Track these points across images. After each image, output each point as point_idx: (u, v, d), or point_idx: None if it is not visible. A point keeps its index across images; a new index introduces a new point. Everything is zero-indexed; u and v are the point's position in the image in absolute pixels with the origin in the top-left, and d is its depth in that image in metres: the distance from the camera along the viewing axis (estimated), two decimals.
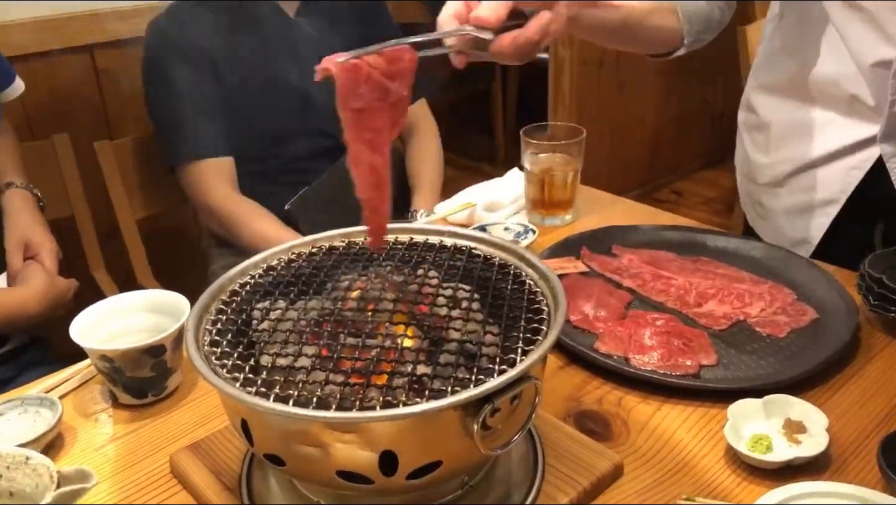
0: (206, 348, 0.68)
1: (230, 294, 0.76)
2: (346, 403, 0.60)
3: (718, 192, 3.56)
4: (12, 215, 1.35)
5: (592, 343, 0.96)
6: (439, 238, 0.87)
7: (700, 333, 0.97)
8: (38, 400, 0.89)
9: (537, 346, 0.66)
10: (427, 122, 1.86)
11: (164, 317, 0.95)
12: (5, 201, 1.36)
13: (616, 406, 0.88)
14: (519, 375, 0.61)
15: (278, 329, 0.71)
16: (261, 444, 0.65)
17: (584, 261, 1.16)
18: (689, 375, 0.90)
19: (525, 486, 0.75)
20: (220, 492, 0.76)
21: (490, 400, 0.60)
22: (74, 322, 0.91)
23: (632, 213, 1.37)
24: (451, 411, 0.60)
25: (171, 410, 0.91)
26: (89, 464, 0.83)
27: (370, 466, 0.61)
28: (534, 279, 0.77)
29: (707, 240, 1.20)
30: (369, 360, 0.65)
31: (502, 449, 0.64)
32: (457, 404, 0.59)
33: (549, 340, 0.65)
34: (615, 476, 0.77)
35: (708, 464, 0.79)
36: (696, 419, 0.85)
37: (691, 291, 1.06)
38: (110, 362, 0.88)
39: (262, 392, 0.61)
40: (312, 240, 0.86)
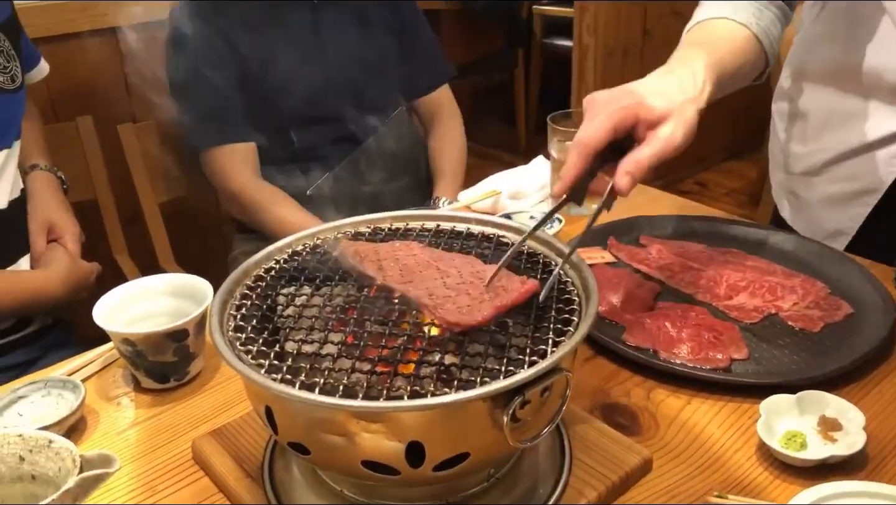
0: (231, 334, 0.67)
1: (255, 279, 0.75)
2: (372, 392, 0.59)
3: (742, 183, 3.51)
4: (36, 197, 1.35)
5: (620, 335, 0.94)
6: (466, 225, 0.85)
7: (731, 327, 0.95)
8: (61, 382, 0.88)
9: (569, 337, 0.64)
10: (451, 108, 1.83)
11: (186, 301, 0.94)
12: (30, 183, 1.36)
13: (644, 399, 0.86)
14: (550, 366, 0.59)
15: (303, 315, 0.70)
16: (285, 432, 0.64)
17: (612, 251, 1.14)
18: (720, 369, 0.88)
19: (552, 479, 0.73)
20: (242, 479, 0.75)
21: (521, 392, 0.58)
22: (98, 305, 0.91)
23: (659, 203, 1.34)
24: (480, 403, 0.58)
25: (193, 395, 0.90)
26: (111, 448, 0.82)
27: (397, 457, 0.59)
28: (564, 269, 0.76)
29: (737, 231, 1.18)
30: (396, 348, 0.64)
31: (531, 442, 0.63)
32: (486, 396, 0.57)
33: (581, 331, 0.64)
34: (644, 471, 0.76)
35: (739, 460, 0.77)
36: (726, 414, 0.83)
37: (721, 283, 1.04)
38: (132, 346, 0.87)
39: (287, 379, 0.60)
40: (337, 226, 0.85)
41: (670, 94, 0.83)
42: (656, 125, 0.81)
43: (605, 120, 0.79)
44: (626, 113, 0.80)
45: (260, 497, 0.72)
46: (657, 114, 0.81)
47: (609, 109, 0.80)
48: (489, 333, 0.66)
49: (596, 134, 0.79)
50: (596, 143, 0.79)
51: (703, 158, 3.61)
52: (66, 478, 0.64)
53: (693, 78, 0.87)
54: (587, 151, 0.79)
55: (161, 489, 0.77)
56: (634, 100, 0.81)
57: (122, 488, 0.77)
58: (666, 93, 0.83)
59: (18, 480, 0.68)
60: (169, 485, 0.77)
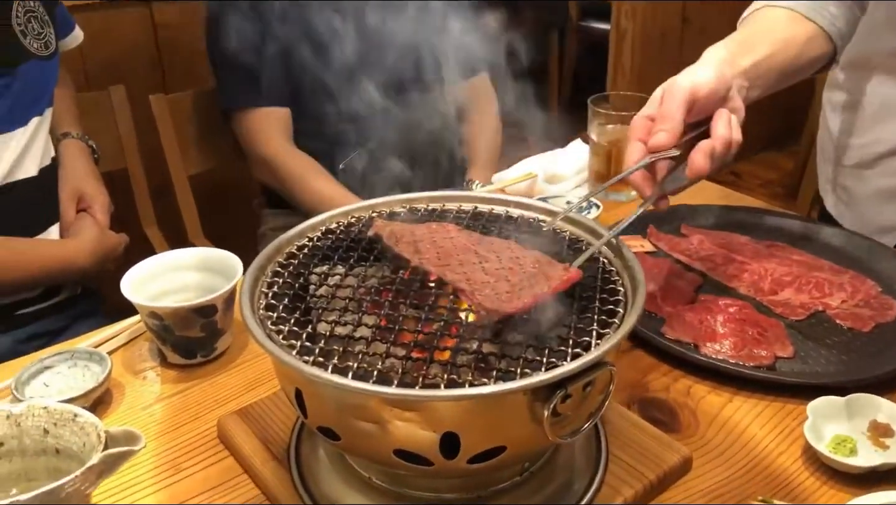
0: (262, 312, 0.64)
1: (287, 256, 0.73)
2: (407, 379, 0.56)
3: (779, 174, 3.43)
4: (67, 166, 1.34)
5: (660, 327, 0.91)
6: (505, 208, 0.82)
7: (776, 323, 0.91)
8: (87, 354, 0.87)
9: (614, 329, 0.61)
10: (488, 98, 1.80)
11: (215, 276, 0.93)
12: (61, 151, 1.35)
13: (684, 395, 0.83)
14: (595, 360, 0.56)
15: (336, 296, 0.67)
16: (315, 416, 0.61)
17: (651, 240, 1.11)
18: (764, 367, 0.84)
19: (587, 475, 0.70)
20: (268, 461, 0.73)
21: (563, 385, 0.55)
22: (126, 277, 0.89)
23: (701, 192, 1.29)
24: (520, 395, 0.55)
25: (219, 372, 0.89)
26: (136, 423, 0.81)
27: (430, 448, 0.57)
28: (608, 257, 0.72)
29: (782, 224, 1.13)
30: (432, 333, 0.61)
31: (571, 437, 0.60)
32: (527, 388, 0.54)
33: (627, 323, 0.61)
34: (683, 471, 0.73)
35: (784, 464, 0.74)
36: (770, 414, 0.80)
37: (766, 277, 1.00)
38: (160, 320, 0.86)
39: (319, 362, 0.57)
40: (372, 204, 0.82)
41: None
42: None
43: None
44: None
45: (286, 481, 0.70)
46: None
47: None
48: (529, 321, 0.63)
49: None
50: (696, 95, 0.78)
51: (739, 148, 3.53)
52: (91, 453, 0.62)
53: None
54: (689, 98, 0.78)
55: (185, 468, 0.75)
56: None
57: (146, 465, 0.75)
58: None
59: (42, 453, 0.66)
60: (193, 463, 0.76)
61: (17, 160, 1.19)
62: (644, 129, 0.80)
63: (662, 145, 0.76)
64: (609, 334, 0.60)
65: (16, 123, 1.19)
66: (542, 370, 0.56)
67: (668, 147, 0.76)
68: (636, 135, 0.80)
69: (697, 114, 0.79)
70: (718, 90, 0.81)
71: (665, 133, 0.76)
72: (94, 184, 1.35)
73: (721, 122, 0.79)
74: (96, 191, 1.35)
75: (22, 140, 1.20)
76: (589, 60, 3.53)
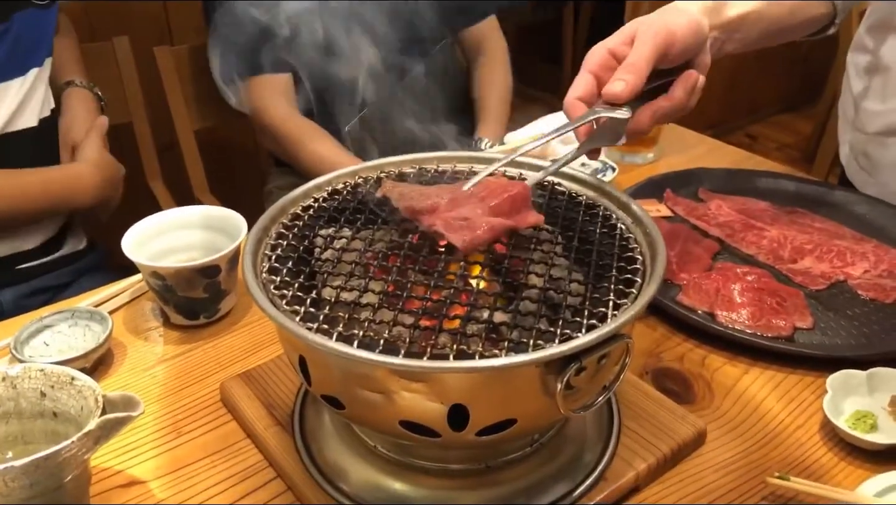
0: (265, 276, 0.62)
1: (292, 217, 0.70)
2: (415, 349, 0.54)
3: (796, 138, 3.36)
4: (68, 115, 1.30)
5: (675, 295, 0.88)
6: (518, 171, 0.79)
7: (795, 292, 0.88)
8: (88, 313, 0.85)
9: (632, 300, 0.58)
10: (496, 42, 1.74)
11: (219, 235, 0.90)
12: (64, 100, 1.31)
13: (699, 366, 0.81)
14: (611, 332, 0.54)
15: (343, 260, 0.64)
16: (319, 384, 0.59)
17: (668, 204, 1.07)
18: (783, 338, 0.82)
19: (598, 446, 0.69)
20: (271, 426, 0.71)
21: (577, 358, 0.53)
22: (127, 235, 0.87)
23: (720, 155, 1.26)
24: (532, 368, 0.53)
25: (222, 334, 0.87)
26: (137, 385, 0.79)
27: (438, 419, 0.55)
28: (626, 223, 0.69)
29: (804, 190, 1.10)
30: (441, 301, 0.59)
31: (584, 411, 0.58)
32: (540, 361, 0.52)
33: (646, 294, 0.58)
34: (697, 444, 0.71)
35: (801, 438, 0.72)
36: (788, 387, 0.78)
37: (786, 244, 0.97)
38: (162, 280, 0.83)
39: (323, 329, 0.55)
40: (380, 164, 0.79)
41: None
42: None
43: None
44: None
45: (289, 447, 0.69)
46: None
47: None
48: (542, 289, 0.60)
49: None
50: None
51: (755, 110, 3.45)
52: (89, 418, 0.61)
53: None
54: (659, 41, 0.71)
55: (187, 431, 0.74)
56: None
57: (147, 427, 0.74)
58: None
59: (39, 415, 0.65)
60: (195, 427, 0.74)
61: (17, 111, 1.16)
62: (601, 63, 0.73)
63: (617, 96, 0.69)
64: (626, 305, 0.57)
65: (13, 73, 1.16)
66: (556, 342, 0.54)
67: (622, 100, 0.70)
68: (589, 65, 0.73)
69: (662, 64, 0.73)
70: (693, 45, 0.74)
71: (624, 84, 0.69)
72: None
73: (683, 87, 0.73)
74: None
75: (21, 90, 1.17)
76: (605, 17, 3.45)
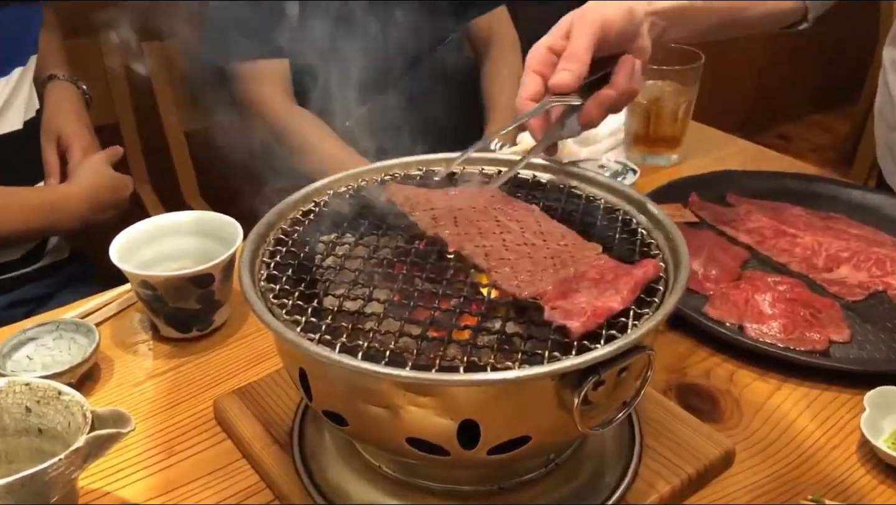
0: (263, 284, 0.63)
1: (291, 223, 0.71)
2: (422, 361, 0.55)
3: (832, 139, 3.37)
4: (50, 108, 1.30)
5: (701, 306, 0.89)
6: (532, 173, 0.80)
7: (830, 304, 0.89)
8: (74, 325, 0.87)
9: (653, 309, 0.59)
10: (506, 33, 1.75)
11: (213, 242, 0.92)
12: (46, 95, 1.32)
13: (727, 382, 0.82)
14: (632, 343, 0.55)
15: (345, 267, 0.66)
16: (321, 399, 0.60)
17: (693, 209, 1.08)
18: (817, 352, 0.83)
19: (618, 468, 0.69)
20: (269, 445, 0.72)
21: (596, 371, 0.54)
22: (115, 241, 0.88)
23: (749, 156, 1.27)
24: (548, 381, 0.54)
25: (216, 348, 0.88)
26: (126, 402, 0.80)
27: (447, 437, 0.56)
28: (647, 228, 0.71)
29: (840, 193, 1.11)
30: (450, 311, 0.60)
31: (602, 428, 0.59)
32: (556, 374, 0.53)
33: (668, 304, 0.59)
34: (725, 465, 0.71)
35: (837, 460, 0.73)
36: (822, 404, 0.79)
37: (821, 252, 0.98)
38: (152, 290, 0.85)
39: (325, 340, 0.56)
40: (385, 167, 0.81)
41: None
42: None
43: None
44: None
45: (288, 467, 0.70)
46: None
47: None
48: None
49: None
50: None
51: (787, 108, 3.46)
52: (76, 434, 0.62)
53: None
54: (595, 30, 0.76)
55: (179, 451, 0.75)
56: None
57: (137, 447, 0.75)
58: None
59: (24, 432, 0.66)
60: (188, 446, 0.75)
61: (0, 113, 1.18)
62: (543, 61, 0.78)
63: (565, 85, 0.74)
64: (647, 315, 0.58)
65: None
66: (573, 354, 0.55)
67: (570, 88, 0.74)
68: (533, 65, 0.78)
69: (601, 51, 0.77)
70: (627, 31, 0.79)
71: (569, 73, 0.74)
72: (76, 124, 1.30)
73: (623, 73, 0.77)
74: (76, 131, 1.29)
75: (4, 91, 1.19)
76: None
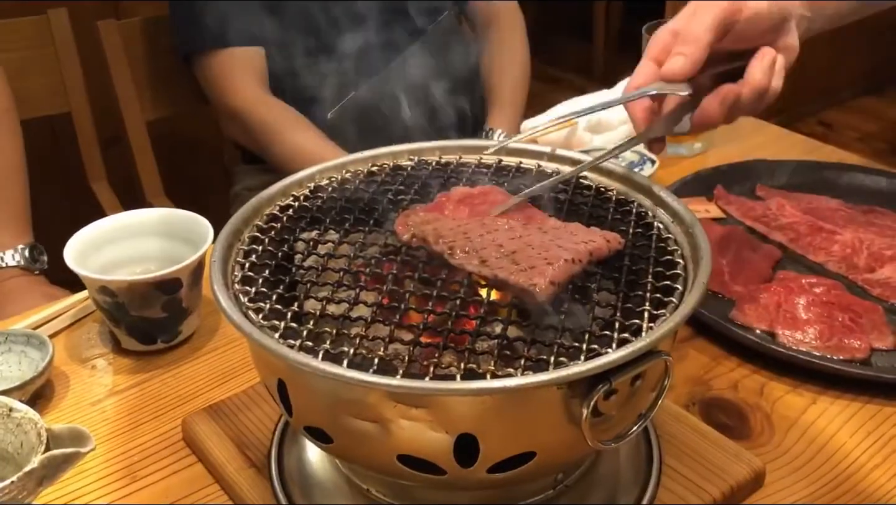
0: (237, 287, 0.65)
1: (268, 219, 0.73)
2: (415, 369, 0.57)
3: (880, 125, 3.41)
4: None
5: (728, 312, 0.91)
6: (536, 162, 0.82)
7: (873, 307, 0.91)
8: (24, 337, 0.88)
9: (670, 311, 0.61)
10: (510, 15, 1.78)
11: (180, 243, 0.94)
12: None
13: (756, 395, 0.84)
14: (646, 348, 0.57)
15: (329, 267, 0.68)
16: (302, 414, 0.62)
17: (719, 203, 1.11)
18: (857, 361, 0.85)
19: (635, 490, 0.71)
20: (244, 468, 0.74)
21: (606, 378, 0.55)
22: (70, 243, 0.90)
23: (781, 145, 1.30)
24: (553, 390, 0.56)
25: (184, 361, 0.90)
26: (84, 421, 0.82)
27: (443, 453, 0.57)
28: (664, 222, 0.73)
29: (883, 184, 1.14)
30: (446, 314, 0.62)
31: (615, 443, 0.60)
32: (562, 381, 0.55)
33: (687, 305, 0.61)
34: (754, 486, 0.73)
35: (880, 479, 0.75)
36: (863, 418, 0.81)
37: (862, 250, 1.00)
38: (112, 297, 0.87)
39: (307, 347, 0.58)
40: (372, 156, 0.83)
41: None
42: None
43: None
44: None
45: (265, 492, 0.72)
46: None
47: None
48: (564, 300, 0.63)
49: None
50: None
51: (830, 92, 3.50)
52: (30, 456, 0.64)
53: None
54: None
55: (143, 476, 0.76)
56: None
57: (96, 472, 0.77)
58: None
59: None
60: (153, 471, 0.77)
61: None
62: (663, 47, 0.76)
63: (676, 73, 0.73)
64: (664, 317, 0.60)
65: None
66: (581, 359, 0.56)
67: (684, 76, 0.73)
68: (652, 52, 0.77)
69: (735, 41, 0.76)
70: (768, 17, 0.77)
71: (683, 58, 0.73)
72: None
73: (759, 65, 0.76)
74: None
75: None
76: None
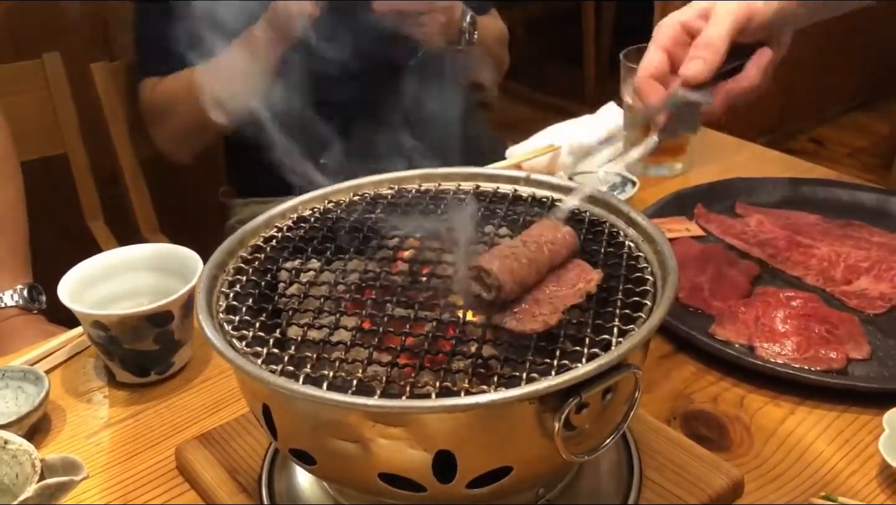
0: (222, 316, 0.67)
1: (252, 250, 0.76)
2: (393, 389, 0.59)
3: (871, 141, 3.42)
4: None
5: (707, 327, 0.93)
6: (513, 186, 0.84)
7: (849, 318, 0.93)
8: (21, 373, 0.90)
9: (639, 325, 0.63)
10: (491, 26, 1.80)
11: (171, 278, 0.96)
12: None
13: (736, 407, 0.85)
14: (615, 361, 0.59)
15: (310, 295, 0.70)
16: (286, 436, 0.64)
17: (699, 222, 1.13)
18: (834, 371, 0.87)
19: (616, 502, 0.73)
20: (236, 493, 0.76)
21: (576, 392, 0.58)
22: (64, 280, 0.92)
23: (761, 163, 1.32)
24: (526, 404, 0.58)
25: (177, 392, 0.92)
26: (80, 453, 0.84)
27: (422, 470, 0.60)
28: (635, 241, 0.75)
29: (861, 198, 1.16)
30: (423, 336, 0.64)
31: (589, 455, 0.62)
32: (534, 396, 0.57)
33: (654, 318, 0.63)
34: (733, 496, 0.75)
35: (856, 486, 0.76)
36: (840, 427, 0.82)
37: (838, 263, 1.02)
38: (105, 331, 0.89)
39: (289, 372, 0.60)
40: (353, 186, 0.85)
41: None
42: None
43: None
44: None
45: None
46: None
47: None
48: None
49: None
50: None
51: (822, 109, 3.52)
52: (25, 486, 0.66)
53: None
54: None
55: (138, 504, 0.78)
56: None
57: (93, 501, 0.78)
58: None
59: None
60: (148, 499, 0.79)
61: None
62: (674, 38, 0.81)
63: (696, 76, 0.78)
64: (633, 331, 0.62)
65: None
66: (552, 374, 0.59)
67: (701, 80, 0.78)
68: (659, 41, 0.81)
69: (740, 39, 0.80)
70: (774, 23, 0.81)
71: (702, 63, 0.78)
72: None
73: (757, 67, 0.80)
74: None
75: None
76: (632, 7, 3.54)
